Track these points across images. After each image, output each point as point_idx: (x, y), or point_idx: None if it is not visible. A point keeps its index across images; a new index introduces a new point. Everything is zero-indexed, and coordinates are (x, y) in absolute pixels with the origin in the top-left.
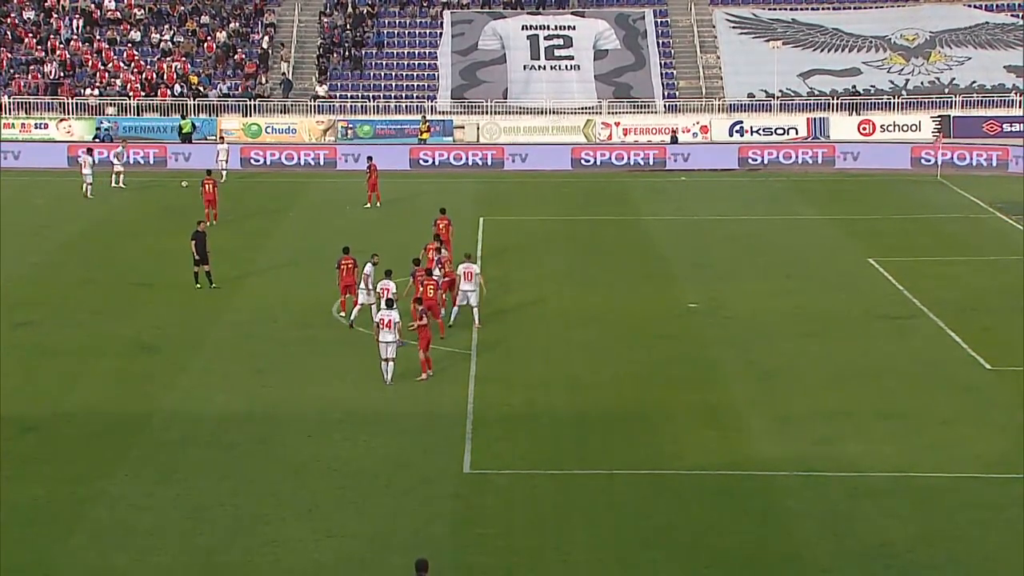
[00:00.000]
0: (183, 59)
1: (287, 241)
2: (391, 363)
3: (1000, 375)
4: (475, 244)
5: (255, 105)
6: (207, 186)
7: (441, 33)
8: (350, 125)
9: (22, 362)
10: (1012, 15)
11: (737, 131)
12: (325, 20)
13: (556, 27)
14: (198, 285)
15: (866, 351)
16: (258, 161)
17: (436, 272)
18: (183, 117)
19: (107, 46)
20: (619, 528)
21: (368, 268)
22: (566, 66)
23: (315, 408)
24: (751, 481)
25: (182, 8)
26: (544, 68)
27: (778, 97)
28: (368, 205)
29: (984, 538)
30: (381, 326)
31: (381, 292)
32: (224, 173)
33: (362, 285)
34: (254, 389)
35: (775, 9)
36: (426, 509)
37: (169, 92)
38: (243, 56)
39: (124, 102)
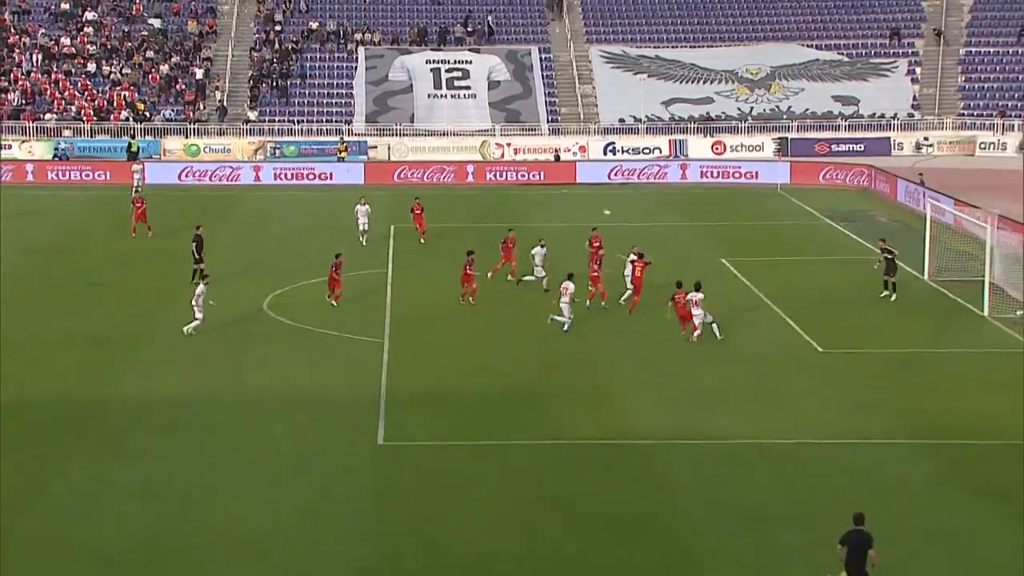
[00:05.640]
0: (131, 88)
1: (226, 248)
2: None
3: (829, 356)
4: (387, 250)
5: (194, 128)
6: (136, 204)
7: (356, 66)
8: (277, 145)
9: None
10: (839, 53)
11: (610, 150)
12: (255, 55)
13: (455, 61)
14: (196, 280)
15: (725, 339)
16: (199, 176)
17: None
18: (132, 138)
19: (64, 77)
20: (520, 493)
21: (537, 250)
22: (464, 95)
23: (251, 394)
24: (634, 450)
25: (130, 44)
26: (445, 96)
27: (644, 122)
28: (423, 241)
29: (826, 495)
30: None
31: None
32: (139, 188)
33: (539, 263)
34: (198, 377)
35: (641, 47)
36: (349, 479)
37: (119, 117)
38: (183, 86)
39: (79, 125)
